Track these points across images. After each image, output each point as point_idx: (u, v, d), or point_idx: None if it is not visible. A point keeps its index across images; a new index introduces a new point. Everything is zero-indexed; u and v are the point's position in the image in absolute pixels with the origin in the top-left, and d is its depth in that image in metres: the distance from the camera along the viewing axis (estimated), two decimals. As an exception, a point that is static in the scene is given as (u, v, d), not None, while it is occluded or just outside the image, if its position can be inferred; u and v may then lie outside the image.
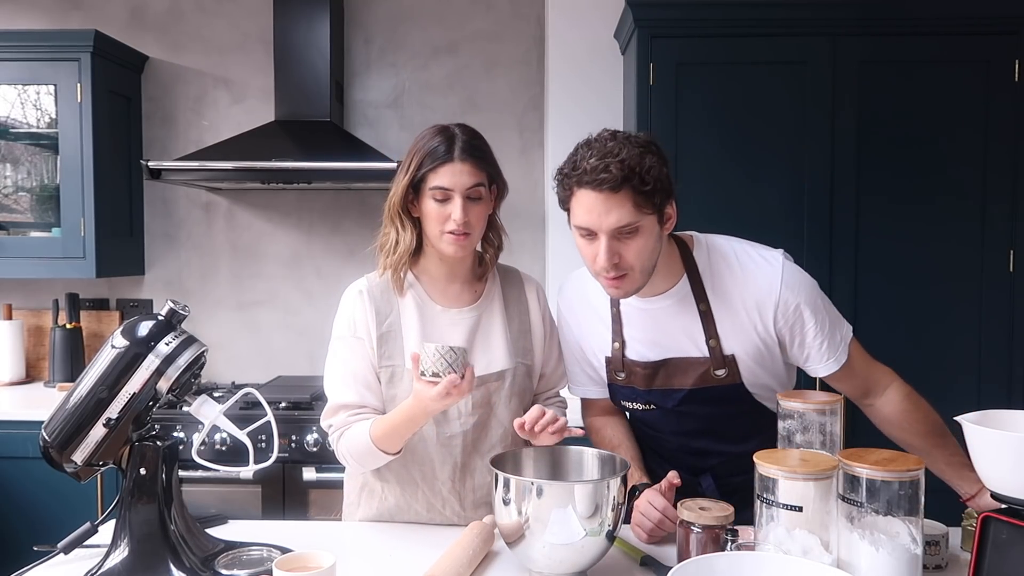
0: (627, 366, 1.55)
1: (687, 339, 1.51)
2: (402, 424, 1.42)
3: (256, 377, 3.14)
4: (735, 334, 1.49)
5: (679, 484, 1.46)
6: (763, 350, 1.51)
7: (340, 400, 1.51)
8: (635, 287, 1.43)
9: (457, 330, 1.55)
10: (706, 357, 1.50)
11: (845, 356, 1.52)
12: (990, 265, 2.49)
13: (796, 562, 1.06)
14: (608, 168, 1.33)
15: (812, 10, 2.48)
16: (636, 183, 1.34)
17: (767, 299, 1.47)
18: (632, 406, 1.59)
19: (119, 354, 1.28)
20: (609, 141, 1.37)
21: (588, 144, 1.39)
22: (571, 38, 2.86)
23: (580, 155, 1.38)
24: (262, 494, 2.56)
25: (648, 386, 1.54)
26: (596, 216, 1.36)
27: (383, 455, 1.46)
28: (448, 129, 1.50)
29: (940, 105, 2.49)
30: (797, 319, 1.48)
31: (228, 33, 3.18)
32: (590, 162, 1.35)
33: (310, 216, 3.19)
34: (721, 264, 1.51)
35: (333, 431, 1.52)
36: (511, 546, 1.29)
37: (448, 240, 1.48)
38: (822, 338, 1.50)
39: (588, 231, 1.39)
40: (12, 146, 3.04)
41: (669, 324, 1.51)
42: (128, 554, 1.29)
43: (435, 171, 1.46)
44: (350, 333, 1.53)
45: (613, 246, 1.37)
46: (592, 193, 1.35)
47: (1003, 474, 1.12)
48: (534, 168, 3.14)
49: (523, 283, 1.66)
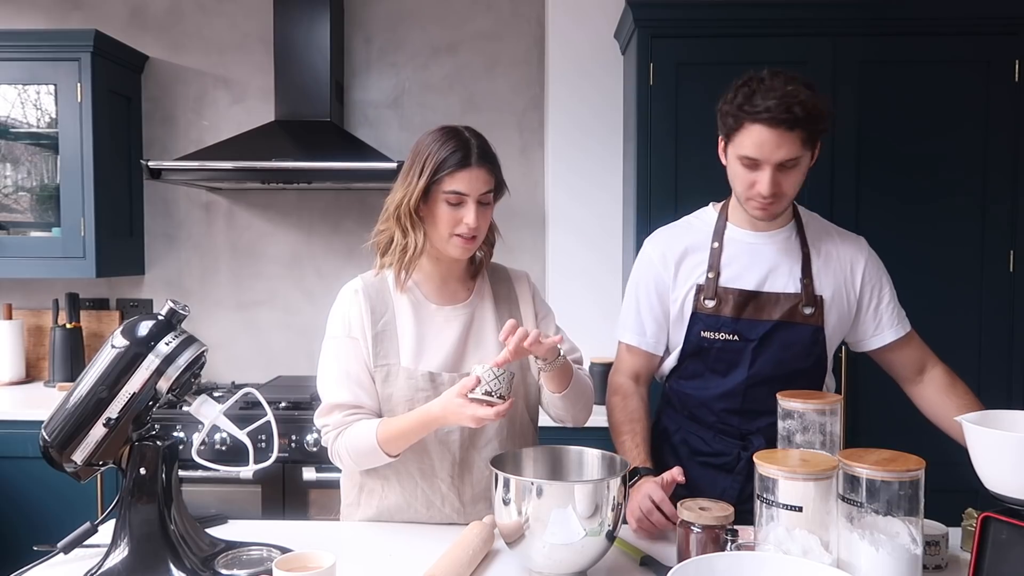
0: (719, 293, 1.65)
1: (785, 275, 1.65)
2: (413, 430, 1.44)
3: (256, 377, 3.14)
4: (827, 281, 1.66)
5: (683, 481, 1.48)
6: (844, 304, 1.67)
7: (334, 400, 1.51)
8: (779, 212, 1.62)
9: (452, 327, 1.56)
10: (798, 293, 1.64)
11: (910, 325, 1.72)
12: (990, 265, 2.49)
13: (796, 562, 1.06)
14: (791, 109, 1.46)
15: (812, 10, 2.48)
16: (810, 124, 1.49)
17: (858, 259, 1.68)
18: (714, 336, 1.65)
19: (119, 354, 1.28)
20: (788, 84, 1.49)
21: (761, 82, 1.51)
22: (571, 38, 2.86)
23: (756, 90, 1.50)
24: (262, 494, 2.56)
25: (738, 315, 1.64)
26: (768, 149, 1.50)
27: (384, 457, 1.47)
28: (460, 133, 1.50)
29: (940, 105, 2.49)
30: (877, 283, 1.69)
31: (228, 33, 3.18)
32: (769, 102, 1.47)
33: (310, 216, 3.20)
34: (820, 222, 1.73)
35: (329, 431, 1.52)
36: (511, 546, 1.29)
37: (456, 243, 1.50)
38: (894, 305, 1.71)
39: (753, 161, 1.52)
40: (12, 146, 3.04)
41: (771, 260, 1.66)
42: (128, 554, 1.29)
43: (452, 175, 1.46)
44: (344, 333, 1.54)
45: (776, 176, 1.52)
46: (767, 129, 1.48)
47: (1003, 474, 1.12)
48: (534, 168, 3.14)
49: (511, 279, 1.68)
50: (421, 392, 1.51)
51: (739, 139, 1.53)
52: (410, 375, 1.51)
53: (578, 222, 2.90)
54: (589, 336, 2.87)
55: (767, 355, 1.63)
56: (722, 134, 1.61)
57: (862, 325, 1.71)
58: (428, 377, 1.52)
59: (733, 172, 1.60)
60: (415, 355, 1.53)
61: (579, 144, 2.87)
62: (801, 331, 1.63)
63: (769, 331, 1.63)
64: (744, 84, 1.54)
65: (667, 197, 2.51)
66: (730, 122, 1.55)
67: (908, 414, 2.12)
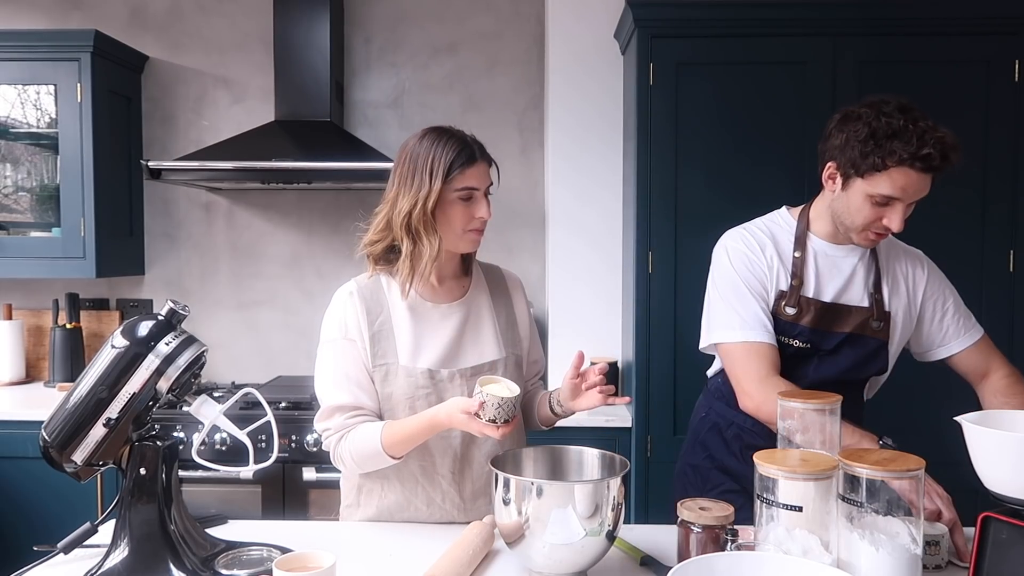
0: (802, 302, 1.66)
1: (859, 289, 1.68)
2: (419, 434, 1.45)
3: (256, 377, 3.14)
4: (895, 296, 1.70)
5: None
6: (909, 317, 1.71)
7: (335, 402, 1.51)
8: None
9: (448, 324, 1.56)
10: (869, 307, 1.67)
11: (982, 330, 1.75)
12: (990, 265, 2.49)
13: (796, 562, 1.06)
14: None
15: (812, 10, 2.48)
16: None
17: (921, 274, 1.72)
18: (790, 341, 1.67)
19: (119, 354, 1.28)
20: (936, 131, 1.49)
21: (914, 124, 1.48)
22: (571, 38, 2.86)
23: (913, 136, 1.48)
24: (262, 494, 2.56)
25: (815, 324, 1.66)
26: (912, 192, 1.52)
27: (388, 460, 1.48)
28: (453, 132, 1.53)
29: (940, 105, 2.45)
30: (940, 294, 1.73)
31: (228, 33, 3.18)
32: (927, 151, 1.47)
33: (310, 216, 3.20)
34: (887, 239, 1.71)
35: (330, 434, 1.52)
36: (511, 546, 1.29)
37: (470, 238, 1.54)
38: (960, 315, 1.74)
39: (888, 199, 1.52)
40: (12, 146, 3.04)
41: (845, 272, 1.68)
42: (128, 554, 1.29)
43: (463, 173, 1.49)
44: (341, 335, 1.54)
45: (907, 212, 1.55)
46: (916, 173, 1.49)
47: (1003, 474, 1.12)
48: (534, 168, 3.14)
49: (506, 280, 1.70)
50: (421, 390, 1.51)
51: (879, 179, 1.51)
52: (409, 373, 1.52)
53: (579, 220, 2.90)
54: (590, 334, 2.89)
55: (832, 364, 1.67)
56: (851, 169, 1.54)
57: (926, 338, 1.74)
58: (427, 374, 1.52)
59: (856, 206, 1.57)
60: (413, 353, 1.53)
61: (580, 142, 2.87)
62: (868, 343, 1.67)
63: (840, 342, 1.66)
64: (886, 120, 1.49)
65: (667, 197, 2.51)
66: (875, 162, 1.50)
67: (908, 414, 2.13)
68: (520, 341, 1.65)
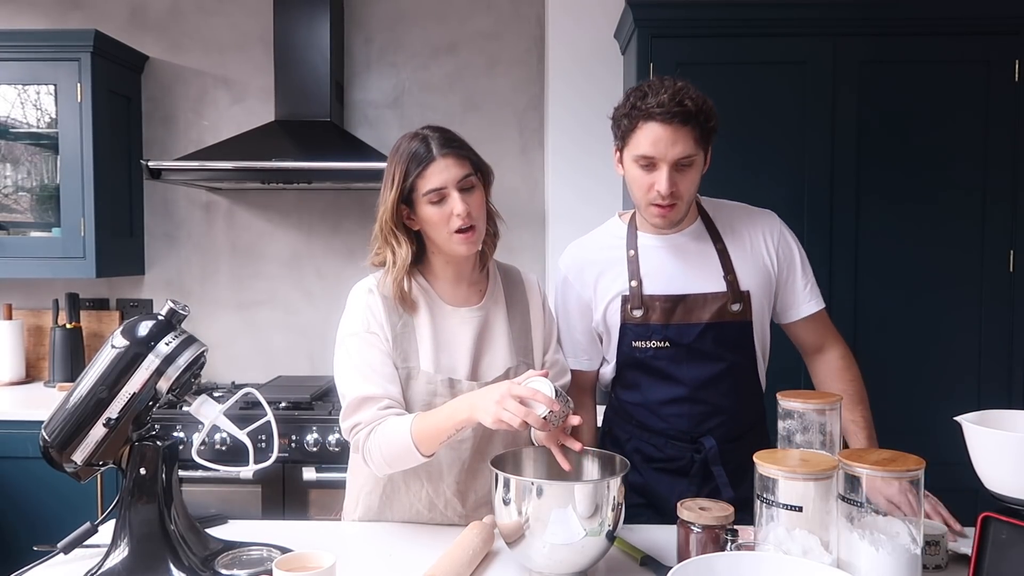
0: (646, 301, 1.63)
1: (706, 275, 1.64)
2: (444, 424, 1.36)
3: (256, 377, 3.14)
4: (748, 269, 1.65)
5: None
6: (768, 284, 1.67)
7: (362, 393, 1.44)
8: (679, 217, 1.61)
9: (465, 330, 1.54)
10: (724, 292, 1.63)
11: (823, 302, 1.72)
12: (990, 265, 2.49)
13: (796, 562, 1.06)
14: (682, 103, 1.49)
15: (812, 10, 2.48)
16: (702, 120, 1.51)
17: (770, 230, 1.69)
18: (646, 345, 1.64)
19: (119, 354, 1.28)
20: (677, 82, 1.53)
21: (651, 85, 1.54)
22: (571, 38, 2.86)
23: (647, 91, 1.52)
24: (262, 494, 2.56)
25: (667, 321, 1.63)
26: (663, 146, 1.51)
27: (419, 456, 1.39)
28: (417, 133, 1.51)
29: (940, 105, 2.49)
30: (790, 254, 1.69)
31: (228, 33, 3.18)
32: (661, 97, 1.49)
33: (310, 216, 3.19)
34: (727, 208, 1.72)
35: (360, 428, 1.44)
36: (511, 546, 1.29)
37: (458, 239, 1.47)
38: (806, 280, 1.70)
39: (650, 161, 1.53)
40: (12, 146, 3.04)
41: (688, 260, 1.65)
42: (128, 554, 1.29)
43: (422, 175, 1.45)
44: (364, 328, 1.50)
45: (673, 176, 1.53)
46: (660, 126, 1.50)
47: (1003, 474, 1.12)
48: (534, 168, 3.14)
49: (524, 282, 1.66)
50: (439, 398, 1.48)
51: (634, 140, 1.55)
52: (429, 379, 1.49)
53: (580, 220, 2.89)
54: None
55: (703, 357, 1.63)
56: (617, 141, 1.62)
57: (780, 300, 1.72)
58: (448, 383, 1.49)
59: (631, 177, 1.60)
60: (434, 358, 1.50)
61: (580, 142, 2.87)
62: (733, 328, 1.64)
63: (700, 333, 1.62)
64: (635, 89, 1.57)
65: (667, 197, 2.51)
66: (624, 124, 1.56)
67: (908, 414, 2.13)
68: (531, 350, 1.60)
